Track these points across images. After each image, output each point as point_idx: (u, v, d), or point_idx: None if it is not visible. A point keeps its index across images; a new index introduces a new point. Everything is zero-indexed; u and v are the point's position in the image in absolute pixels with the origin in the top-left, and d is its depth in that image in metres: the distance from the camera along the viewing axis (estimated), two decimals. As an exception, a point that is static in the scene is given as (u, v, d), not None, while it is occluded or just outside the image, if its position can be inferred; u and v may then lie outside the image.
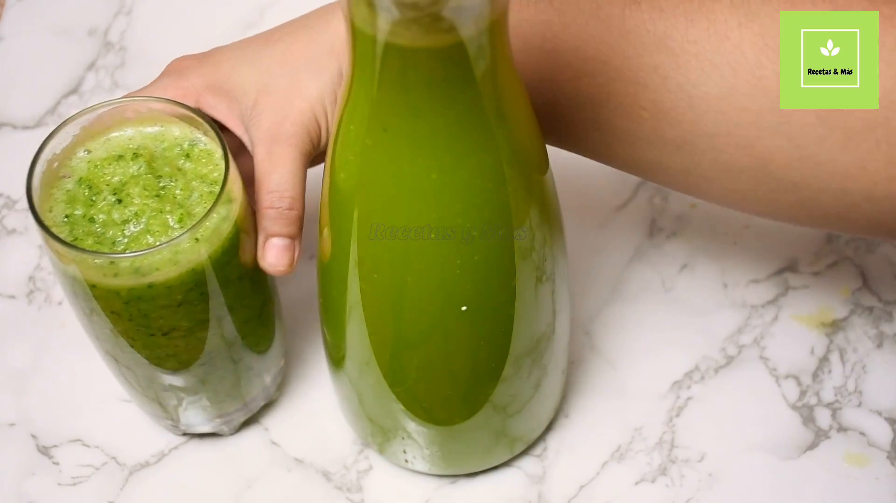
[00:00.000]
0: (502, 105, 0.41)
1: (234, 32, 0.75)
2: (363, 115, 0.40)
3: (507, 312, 0.46)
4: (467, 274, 0.44)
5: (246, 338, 0.52)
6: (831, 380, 0.59)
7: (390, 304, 0.46)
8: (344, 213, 0.44)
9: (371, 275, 0.45)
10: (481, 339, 0.47)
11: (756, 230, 0.65)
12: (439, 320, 0.46)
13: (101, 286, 0.46)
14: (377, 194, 0.43)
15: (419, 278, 0.45)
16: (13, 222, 0.66)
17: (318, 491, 0.56)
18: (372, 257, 0.45)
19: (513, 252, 0.44)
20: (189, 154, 0.49)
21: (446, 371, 0.49)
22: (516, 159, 0.42)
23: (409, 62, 0.38)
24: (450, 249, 0.43)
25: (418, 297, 0.45)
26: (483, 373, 0.49)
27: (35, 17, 0.76)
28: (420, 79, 0.38)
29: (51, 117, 0.71)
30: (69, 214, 0.47)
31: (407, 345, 0.48)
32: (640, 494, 0.56)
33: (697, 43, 0.43)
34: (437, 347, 0.48)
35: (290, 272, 0.49)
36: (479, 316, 0.46)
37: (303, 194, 0.48)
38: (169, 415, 0.56)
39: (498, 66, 0.39)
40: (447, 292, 0.45)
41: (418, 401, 0.51)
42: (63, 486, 0.57)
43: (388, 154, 0.41)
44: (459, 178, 0.41)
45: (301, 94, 0.48)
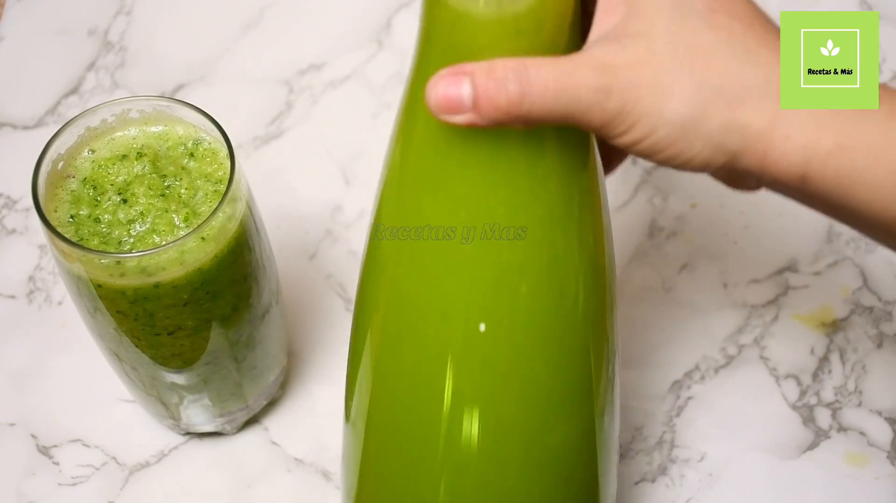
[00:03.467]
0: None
1: (234, 32, 0.75)
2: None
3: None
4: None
5: (249, 337, 0.52)
6: (831, 380, 0.59)
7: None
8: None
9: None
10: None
11: (756, 230, 0.65)
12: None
13: (107, 286, 0.46)
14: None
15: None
16: (13, 222, 0.66)
17: (318, 491, 0.56)
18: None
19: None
20: (193, 153, 0.49)
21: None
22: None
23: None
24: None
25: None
26: None
27: (35, 17, 0.76)
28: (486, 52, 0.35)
29: (51, 117, 0.71)
30: (74, 214, 0.47)
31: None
32: (640, 494, 0.56)
33: None
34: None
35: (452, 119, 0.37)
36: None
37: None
38: (171, 414, 0.56)
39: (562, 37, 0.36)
40: None
41: None
42: (63, 486, 0.57)
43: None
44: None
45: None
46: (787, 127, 0.35)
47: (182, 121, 0.49)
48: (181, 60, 0.73)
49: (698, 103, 0.35)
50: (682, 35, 0.35)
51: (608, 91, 0.35)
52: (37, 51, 0.74)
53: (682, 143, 0.36)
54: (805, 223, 0.65)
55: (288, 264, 0.62)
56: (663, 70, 0.35)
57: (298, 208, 0.66)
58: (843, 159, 0.35)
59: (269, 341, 0.55)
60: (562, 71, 0.35)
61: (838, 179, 0.35)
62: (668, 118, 0.35)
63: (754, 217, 0.65)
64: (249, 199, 0.49)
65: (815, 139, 0.35)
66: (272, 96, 0.71)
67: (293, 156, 0.69)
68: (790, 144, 0.35)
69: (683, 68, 0.35)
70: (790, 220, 0.65)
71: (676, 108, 0.35)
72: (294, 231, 0.65)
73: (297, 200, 0.66)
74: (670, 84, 0.35)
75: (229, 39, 0.74)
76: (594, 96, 0.35)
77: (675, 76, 0.35)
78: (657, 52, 0.35)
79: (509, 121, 0.35)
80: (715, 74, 0.35)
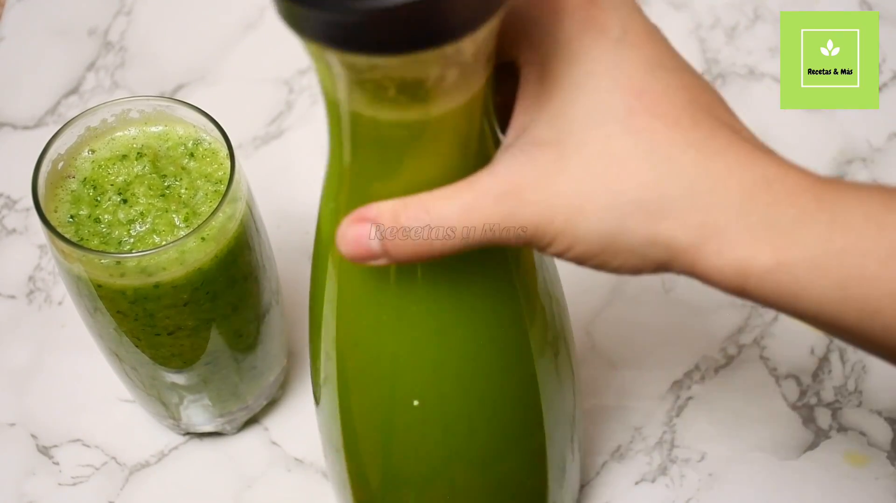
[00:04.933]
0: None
1: (234, 32, 0.75)
2: (338, 188, 0.37)
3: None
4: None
5: (250, 337, 0.52)
6: (831, 380, 0.59)
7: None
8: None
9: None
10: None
11: (756, 230, 0.65)
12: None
13: (107, 286, 0.46)
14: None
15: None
16: (13, 222, 0.66)
17: (318, 491, 0.56)
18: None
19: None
20: (193, 153, 0.49)
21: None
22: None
23: (375, 133, 0.33)
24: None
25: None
26: None
27: (35, 17, 0.76)
28: (389, 152, 0.34)
29: (51, 117, 0.71)
30: (74, 215, 0.47)
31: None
32: (640, 494, 0.56)
33: None
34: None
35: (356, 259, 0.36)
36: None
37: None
38: (171, 414, 0.56)
39: (470, 145, 0.35)
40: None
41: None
42: (63, 486, 0.57)
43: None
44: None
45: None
46: (718, 242, 0.32)
47: (182, 121, 0.49)
48: (181, 60, 0.73)
49: (615, 219, 0.33)
50: (597, 143, 0.33)
51: (515, 217, 0.33)
52: (37, 51, 0.74)
53: (605, 255, 0.34)
54: (805, 223, 0.65)
55: (288, 264, 0.62)
56: (575, 185, 0.33)
57: (298, 208, 0.66)
58: (783, 275, 0.32)
59: (269, 341, 0.55)
60: (465, 207, 0.34)
61: (780, 293, 0.33)
62: (583, 236, 0.33)
63: (754, 217, 0.65)
64: (249, 199, 0.49)
65: (752, 255, 0.32)
66: (272, 96, 0.71)
67: (293, 156, 0.69)
68: (723, 259, 0.32)
69: (597, 182, 0.33)
70: (790, 220, 0.65)
71: (591, 226, 0.33)
72: (294, 231, 0.65)
73: (297, 200, 0.66)
74: (582, 202, 0.33)
75: (229, 39, 0.74)
76: (503, 224, 0.34)
77: (589, 192, 0.33)
78: (569, 164, 0.33)
79: (426, 259, 0.35)
80: (633, 187, 0.32)
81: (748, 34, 0.73)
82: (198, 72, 0.72)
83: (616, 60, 0.33)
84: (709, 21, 0.74)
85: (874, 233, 0.32)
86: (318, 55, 0.32)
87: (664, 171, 0.32)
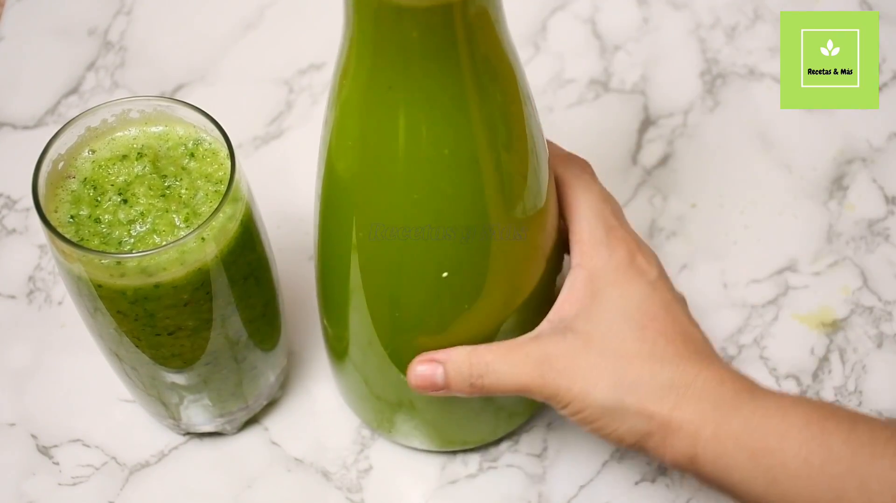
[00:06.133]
0: (493, 75, 0.42)
1: (235, 32, 0.75)
2: (363, 80, 0.41)
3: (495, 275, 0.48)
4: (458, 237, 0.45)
5: (250, 337, 0.52)
6: (831, 380, 0.59)
7: (388, 287, 0.47)
8: (342, 204, 0.45)
9: (369, 262, 0.46)
10: (472, 303, 0.48)
11: (756, 230, 0.65)
12: (435, 293, 0.47)
13: (108, 286, 0.46)
14: (375, 179, 0.44)
15: (415, 257, 0.46)
16: (13, 222, 0.66)
17: (318, 491, 0.56)
18: (370, 245, 0.45)
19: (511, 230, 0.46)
20: (193, 153, 0.49)
21: (446, 340, 0.49)
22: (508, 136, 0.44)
23: (403, 21, 0.39)
24: (444, 233, 0.44)
25: (415, 274, 0.46)
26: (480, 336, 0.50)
27: (35, 17, 0.76)
28: (417, 40, 0.39)
29: (51, 117, 0.71)
30: (74, 215, 0.47)
31: (406, 325, 0.49)
32: (640, 494, 0.56)
33: None
34: (436, 320, 0.48)
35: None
36: (466, 280, 0.47)
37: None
38: (171, 414, 0.56)
39: (491, 39, 0.41)
40: (439, 262, 0.46)
41: None
42: (63, 486, 0.57)
43: (389, 119, 0.42)
44: (455, 150, 0.43)
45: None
46: (681, 418, 0.45)
47: (182, 121, 0.49)
48: (181, 60, 0.73)
49: (617, 395, 0.45)
50: (615, 341, 0.46)
51: (545, 379, 0.46)
52: (37, 51, 0.74)
53: (604, 420, 0.46)
54: (805, 223, 0.65)
55: (288, 264, 0.62)
56: (592, 366, 0.46)
57: (299, 208, 0.66)
58: (718, 445, 0.44)
59: (270, 341, 0.55)
60: (512, 365, 0.47)
61: (717, 463, 0.44)
62: (592, 402, 0.46)
63: (754, 217, 0.65)
64: (250, 200, 0.49)
65: (700, 428, 0.44)
66: (272, 96, 0.71)
67: (293, 156, 0.69)
68: (683, 432, 0.45)
69: (608, 367, 0.46)
70: (790, 220, 0.65)
71: (599, 396, 0.46)
72: (294, 231, 0.65)
73: (297, 200, 0.66)
74: (596, 378, 0.46)
75: (229, 39, 0.74)
76: (535, 383, 0.47)
77: (601, 372, 0.46)
78: (591, 350, 0.46)
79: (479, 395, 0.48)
80: (633, 374, 0.46)
81: (748, 34, 0.73)
82: (198, 72, 0.72)
83: (644, 295, 0.47)
84: (709, 21, 0.74)
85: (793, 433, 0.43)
86: None
87: (657, 368, 0.46)
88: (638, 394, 0.45)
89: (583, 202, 0.49)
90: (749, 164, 0.68)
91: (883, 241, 0.64)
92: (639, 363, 0.46)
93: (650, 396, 0.45)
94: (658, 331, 0.47)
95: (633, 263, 0.48)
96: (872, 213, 0.65)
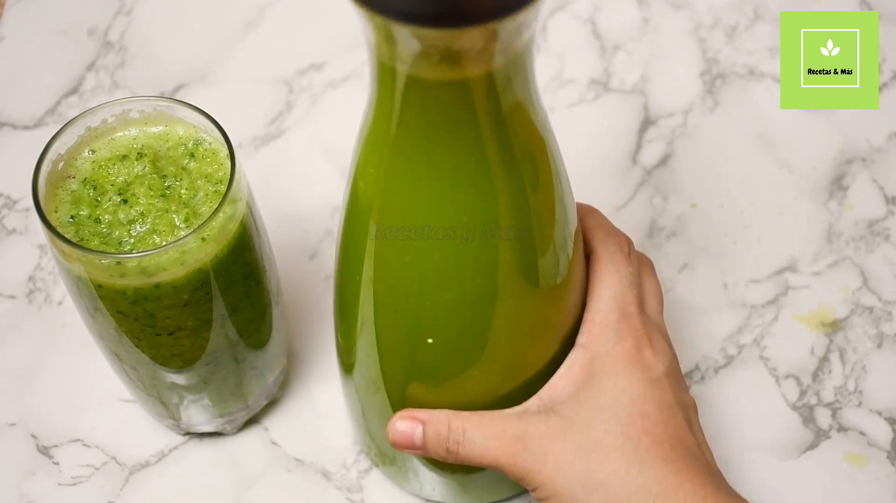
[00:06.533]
0: (521, 140, 0.40)
1: (234, 32, 0.75)
2: (385, 141, 0.40)
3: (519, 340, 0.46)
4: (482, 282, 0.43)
5: (250, 337, 0.52)
6: (831, 380, 0.59)
7: (403, 320, 0.45)
8: (360, 227, 0.44)
9: (383, 292, 0.45)
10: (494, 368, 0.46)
11: (756, 230, 0.65)
12: (455, 342, 0.45)
13: (108, 286, 0.46)
14: (393, 212, 0.42)
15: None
16: (13, 222, 0.66)
17: (318, 491, 0.56)
18: (384, 268, 0.44)
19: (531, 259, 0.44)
20: (194, 153, 0.49)
21: (439, 398, 0.48)
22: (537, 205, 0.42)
23: (428, 94, 0.37)
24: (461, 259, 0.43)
25: (432, 316, 0.45)
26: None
27: (35, 17, 0.76)
28: (439, 111, 0.38)
29: (51, 117, 0.71)
30: (74, 215, 0.47)
31: (400, 380, 0.47)
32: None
33: None
34: (432, 377, 0.47)
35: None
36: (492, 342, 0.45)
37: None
38: (171, 414, 0.56)
39: (519, 99, 0.39)
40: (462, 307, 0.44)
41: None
42: (63, 486, 0.57)
43: (406, 180, 0.41)
44: (477, 207, 0.41)
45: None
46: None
47: (182, 121, 0.49)
48: (181, 60, 0.73)
49: (584, 489, 0.44)
50: (597, 433, 0.44)
51: (516, 458, 0.45)
52: (37, 51, 0.74)
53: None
54: (805, 223, 0.65)
55: (288, 264, 0.62)
56: (567, 453, 0.44)
57: (298, 208, 0.66)
58: None
59: (270, 341, 0.55)
60: (487, 437, 0.45)
61: None
62: (558, 491, 0.44)
63: (754, 217, 0.65)
64: (250, 200, 0.49)
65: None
66: (272, 96, 0.71)
67: (293, 156, 0.69)
68: None
69: (582, 458, 0.44)
70: (790, 220, 0.65)
71: (566, 485, 0.44)
72: (294, 231, 0.65)
73: (297, 200, 0.66)
74: (566, 467, 0.44)
75: (229, 39, 0.74)
76: (507, 460, 0.45)
77: (574, 462, 0.44)
78: (570, 437, 0.44)
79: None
80: (606, 471, 0.43)
81: (748, 34, 0.73)
82: (198, 72, 0.72)
83: (640, 391, 0.45)
84: (709, 21, 0.74)
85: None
86: (381, 28, 0.36)
87: (633, 470, 0.43)
88: (606, 492, 0.43)
89: (606, 282, 0.47)
90: (749, 164, 0.68)
91: (883, 241, 0.64)
92: (615, 459, 0.44)
93: (619, 498, 0.43)
94: (645, 431, 0.44)
95: (639, 356, 0.45)
96: (872, 213, 0.65)
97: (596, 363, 0.46)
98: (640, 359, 0.45)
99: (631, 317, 0.46)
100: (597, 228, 0.48)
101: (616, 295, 0.46)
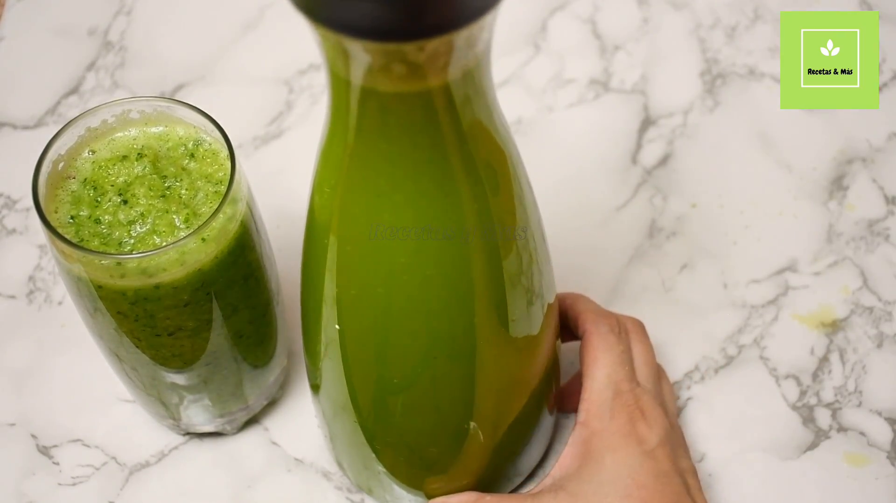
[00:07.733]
0: (481, 152, 0.40)
1: (234, 32, 0.75)
2: (342, 154, 0.40)
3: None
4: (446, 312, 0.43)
5: (250, 337, 0.52)
6: (831, 381, 0.59)
7: (370, 343, 0.45)
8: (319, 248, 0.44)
9: (343, 309, 0.45)
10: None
11: (756, 230, 0.65)
12: (422, 362, 0.45)
13: (108, 287, 0.46)
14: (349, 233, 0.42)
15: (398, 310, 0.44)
16: (13, 222, 0.66)
17: (318, 491, 0.56)
18: (343, 287, 0.44)
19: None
20: (194, 154, 0.49)
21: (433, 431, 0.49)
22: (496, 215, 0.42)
23: (385, 107, 0.37)
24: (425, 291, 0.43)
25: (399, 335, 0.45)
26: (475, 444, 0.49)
27: (35, 17, 0.76)
28: (396, 123, 0.37)
29: (51, 117, 0.71)
30: (75, 215, 0.47)
31: (389, 388, 0.47)
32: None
33: None
34: (422, 396, 0.47)
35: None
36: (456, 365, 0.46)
37: None
38: (171, 414, 0.56)
39: (476, 110, 0.38)
40: (426, 329, 0.44)
41: (402, 462, 0.51)
42: (63, 486, 0.57)
43: (361, 199, 0.40)
44: (435, 222, 0.41)
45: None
46: None
47: (182, 121, 0.49)
48: (181, 60, 0.73)
49: None
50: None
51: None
52: (37, 51, 0.74)
53: None
54: (805, 223, 0.65)
55: (288, 264, 0.62)
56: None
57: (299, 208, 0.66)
58: None
59: (270, 341, 0.55)
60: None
61: None
62: None
63: (754, 217, 0.65)
64: (250, 200, 0.49)
65: None
66: (272, 96, 0.71)
67: (293, 156, 0.69)
68: None
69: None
70: (790, 220, 0.65)
71: None
72: (294, 231, 0.65)
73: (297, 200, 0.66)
74: None
75: (229, 39, 0.74)
76: None
77: None
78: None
79: None
80: None
81: (748, 34, 0.73)
82: (198, 72, 0.73)
83: (636, 463, 0.48)
84: (709, 21, 0.74)
85: None
86: (334, 43, 0.35)
87: None
88: None
89: (599, 362, 0.50)
90: (749, 164, 0.68)
91: (883, 241, 0.64)
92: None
93: None
94: (642, 501, 0.47)
95: (633, 431, 0.49)
96: (872, 213, 0.65)
97: (595, 439, 0.49)
98: (634, 434, 0.49)
99: (624, 394, 0.50)
100: (588, 312, 0.52)
101: (609, 373, 0.50)
